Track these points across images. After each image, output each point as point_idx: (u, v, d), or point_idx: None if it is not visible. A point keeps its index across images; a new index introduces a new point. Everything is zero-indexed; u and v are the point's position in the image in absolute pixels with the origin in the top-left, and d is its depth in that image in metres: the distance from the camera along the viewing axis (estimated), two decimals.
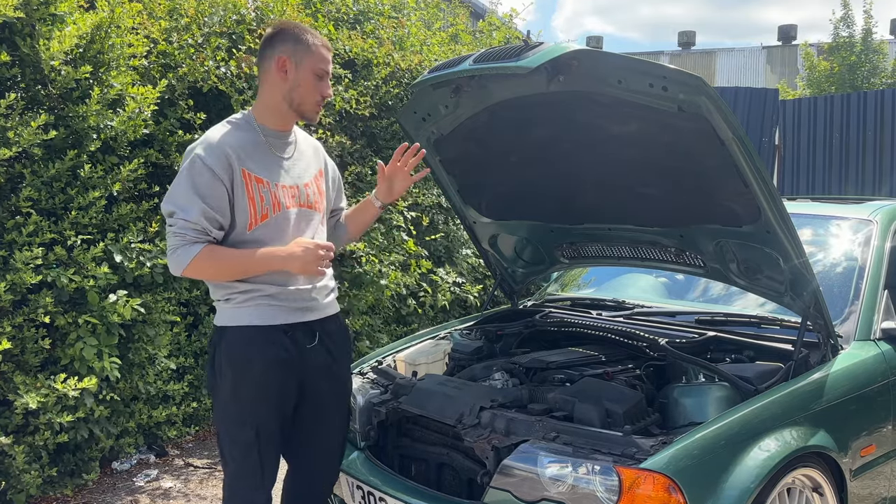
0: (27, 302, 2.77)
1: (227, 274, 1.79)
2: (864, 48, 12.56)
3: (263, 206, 1.79)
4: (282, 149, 1.87)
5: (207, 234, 1.74)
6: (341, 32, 4.47)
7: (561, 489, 1.69)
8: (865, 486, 2.09)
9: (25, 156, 2.84)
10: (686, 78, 1.72)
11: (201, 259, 1.73)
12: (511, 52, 1.85)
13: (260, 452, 1.81)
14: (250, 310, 1.80)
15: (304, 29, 1.87)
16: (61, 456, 2.97)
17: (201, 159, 1.74)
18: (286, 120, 1.87)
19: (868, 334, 2.21)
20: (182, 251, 1.73)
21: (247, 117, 1.86)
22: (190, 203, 1.72)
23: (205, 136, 1.81)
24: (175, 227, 1.73)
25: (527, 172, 2.38)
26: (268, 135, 1.85)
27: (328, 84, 1.87)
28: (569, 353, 2.30)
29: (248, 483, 1.84)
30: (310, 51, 1.83)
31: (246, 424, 1.80)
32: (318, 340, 1.89)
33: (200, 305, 3.54)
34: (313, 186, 1.92)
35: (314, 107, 1.86)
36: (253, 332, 1.80)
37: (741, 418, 1.79)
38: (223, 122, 1.85)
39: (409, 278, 4.24)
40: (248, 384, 1.79)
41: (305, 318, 1.86)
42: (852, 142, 7.55)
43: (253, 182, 1.78)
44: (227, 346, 1.81)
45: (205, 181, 1.73)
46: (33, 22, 2.83)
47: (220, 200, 1.75)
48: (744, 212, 1.97)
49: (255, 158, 1.81)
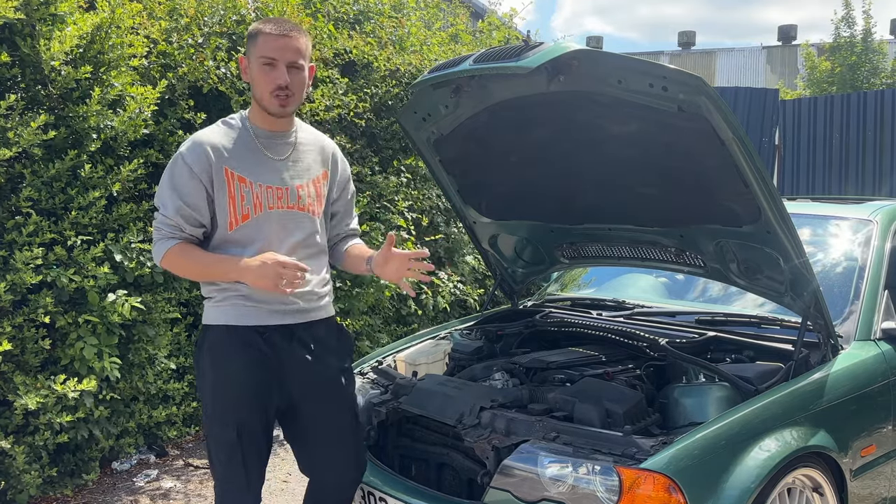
0: (27, 302, 2.76)
1: (193, 274, 1.83)
2: (864, 48, 12.56)
3: (244, 206, 1.77)
4: (274, 149, 1.83)
5: (182, 230, 1.77)
6: (341, 32, 4.47)
7: (561, 489, 1.69)
8: (866, 486, 2.08)
9: (25, 156, 2.84)
10: (686, 78, 1.72)
11: (171, 255, 1.77)
12: (511, 51, 1.85)
13: (243, 453, 1.80)
14: (227, 309, 1.81)
15: (261, 21, 1.80)
16: (61, 456, 2.97)
17: (182, 157, 1.77)
18: (267, 119, 1.82)
19: (868, 334, 2.21)
20: (158, 245, 1.79)
21: (241, 118, 1.85)
22: (168, 199, 1.76)
23: (192, 135, 1.82)
24: (156, 222, 1.79)
25: (527, 172, 2.38)
26: (259, 135, 1.83)
27: (281, 71, 1.75)
28: (569, 354, 2.30)
29: (235, 485, 1.83)
30: (255, 41, 1.78)
31: (228, 425, 1.79)
32: (299, 344, 1.84)
33: (200, 305, 3.52)
34: (309, 188, 1.86)
35: (269, 99, 1.77)
36: (229, 332, 1.80)
37: (741, 418, 1.79)
38: (217, 123, 1.85)
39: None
40: (227, 384, 1.79)
41: (284, 320, 1.82)
42: (852, 142, 7.55)
43: (235, 181, 1.77)
44: (208, 346, 1.83)
45: (183, 179, 1.75)
46: (33, 22, 2.83)
47: (197, 198, 1.76)
48: (744, 212, 1.97)
49: (242, 158, 1.79)
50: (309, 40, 1.84)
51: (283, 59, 1.76)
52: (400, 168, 4.59)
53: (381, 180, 4.30)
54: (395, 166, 4.57)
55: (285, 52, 1.76)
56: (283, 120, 1.84)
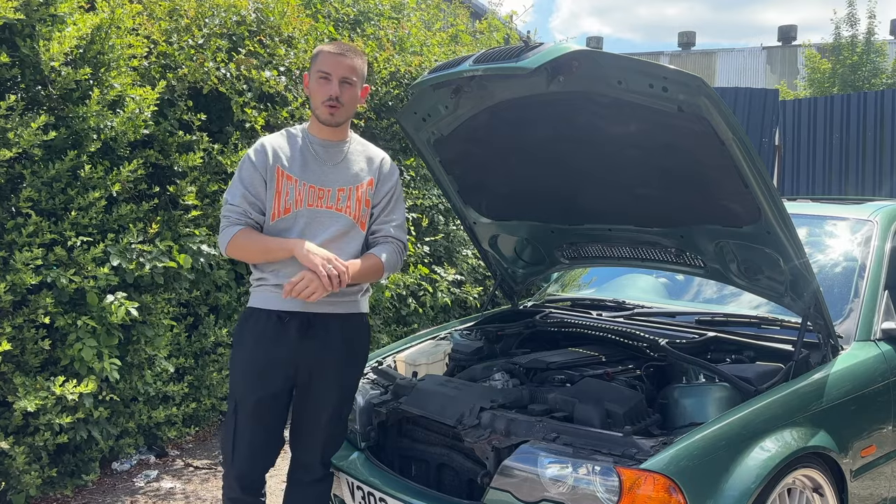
0: (27, 303, 2.76)
1: (255, 254, 1.97)
2: (865, 49, 12.54)
3: (287, 201, 1.95)
4: (326, 155, 2.00)
5: (248, 216, 1.95)
6: (341, 34, 4.47)
7: (561, 490, 1.69)
8: (866, 487, 2.08)
9: (25, 156, 2.83)
10: (686, 78, 1.72)
11: (238, 238, 1.94)
12: (511, 52, 1.85)
13: (236, 426, 1.95)
14: (258, 295, 1.99)
15: (325, 43, 2.03)
16: (61, 456, 2.97)
17: (248, 155, 2.00)
18: (322, 129, 2.01)
19: (868, 335, 2.20)
20: (225, 232, 1.97)
21: (302, 127, 2.06)
22: (236, 189, 1.98)
23: (260, 138, 2.07)
24: (223, 211, 1.99)
25: (527, 173, 2.38)
26: (313, 142, 2.02)
27: (334, 84, 1.94)
28: (569, 354, 2.30)
29: (226, 457, 1.99)
30: (316, 59, 1.99)
31: (231, 397, 1.99)
32: (314, 334, 1.95)
33: (200, 306, 3.53)
34: (351, 192, 1.99)
35: (322, 109, 1.97)
36: (255, 315, 1.98)
37: (742, 419, 1.79)
38: (281, 130, 2.06)
39: (410, 278, 4.24)
40: (239, 360, 1.98)
41: (307, 308, 1.93)
42: (852, 142, 7.54)
43: (284, 178, 1.96)
44: (237, 326, 2.03)
45: (248, 172, 1.97)
46: (33, 23, 2.82)
47: (258, 188, 1.97)
48: (744, 212, 1.97)
49: (294, 159, 1.98)
50: (364, 62, 2.03)
51: (336, 74, 1.95)
52: (400, 168, 4.59)
53: None
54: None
55: (339, 68, 1.96)
56: (337, 130, 2.01)
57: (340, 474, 2.15)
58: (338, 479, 2.17)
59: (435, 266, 4.58)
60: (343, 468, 2.15)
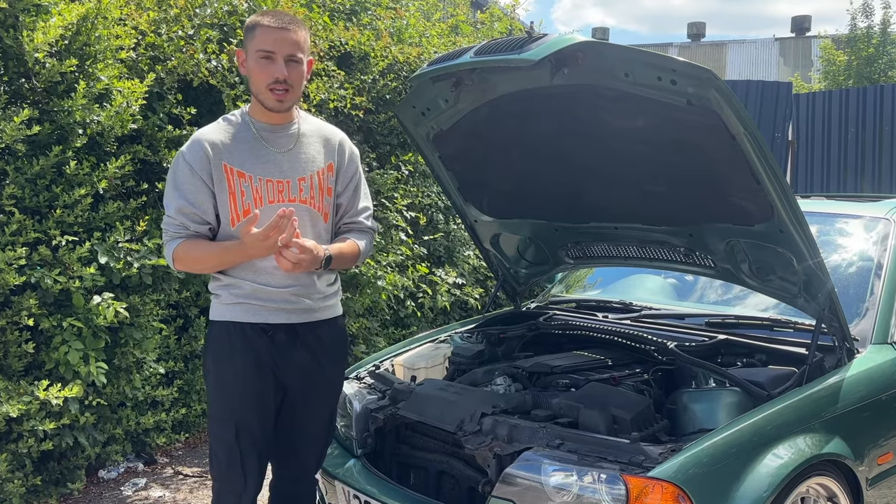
0: (10, 304, 2.71)
1: (208, 265, 1.83)
2: (881, 40, 12.38)
3: (244, 202, 1.78)
4: (276, 142, 1.82)
5: (186, 228, 1.78)
6: (337, 24, 4.39)
7: (566, 499, 1.66)
8: (882, 496, 2.06)
9: (8, 152, 2.78)
10: (696, 71, 1.70)
11: (179, 254, 1.78)
12: (513, 44, 1.83)
13: (241, 452, 1.81)
14: (232, 306, 1.82)
15: (259, 14, 1.80)
16: (46, 464, 2.91)
17: (182, 156, 1.79)
18: (267, 112, 1.82)
19: (885, 337, 2.18)
20: (166, 247, 1.82)
21: (241, 113, 1.86)
22: (171, 199, 1.79)
23: (193, 133, 1.85)
24: (163, 224, 1.82)
25: (530, 169, 2.36)
26: (259, 128, 1.83)
27: (280, 65, 1.73)
28: (574, 357, 2.28)
29: (230, 487, 1.84)
30: (252, 34, 1.77)
31: (227, 422, 1.81)
32: (302, 344, 1.85)
33: (190, 307, 3.47)
34: (312, 181, 1.84)
35: (267, 94, 1.76)
36: (234, 330, 1.82)
37: (753, 425, 1.77)
38: (217, 120, 1.86)
39: (407, 280, 4.18)
40: (229, 383, 1.82)
41: (290, 319, 1.83)
42: (868, 137, 7.46)
43: (235, 176, 1.78)
44: (212, 344, 1.86)
45: (184, 178, 1.77)
46: (17, 13, 2.76)
47: (199, 195, 1.77)
48: (756, 210, 1.94)
49: (241, 152, 1.79)
50: (308, 33, 1.83)
51: (281, 53, 1.75)
52: (398, 164, 4.52)
53: (378, 177, 4.23)
54: (394, 162, 4.51)
55: (283, 45, 1.75)
56: (271, 112, 1.83)
57: (336, 482, 2.13)
58: (333, 487, 2.14)
59: (435, 268, 4.52)
60: (339, 476, 2.13)
